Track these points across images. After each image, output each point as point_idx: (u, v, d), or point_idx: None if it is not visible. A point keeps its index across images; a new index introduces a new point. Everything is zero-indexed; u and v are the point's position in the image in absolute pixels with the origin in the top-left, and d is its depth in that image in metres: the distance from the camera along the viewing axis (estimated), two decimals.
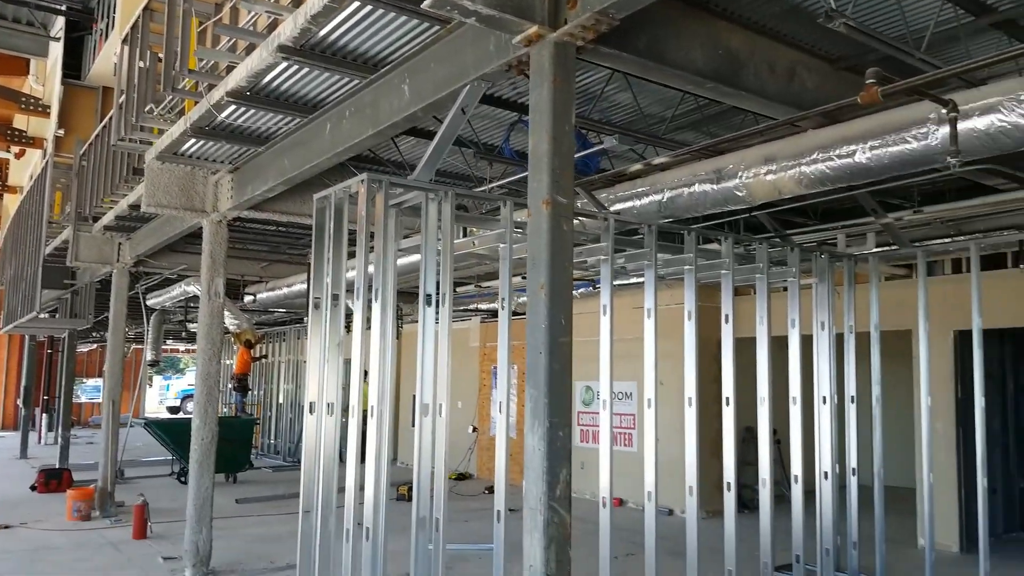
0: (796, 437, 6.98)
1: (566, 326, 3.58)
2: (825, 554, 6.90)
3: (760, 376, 6.74)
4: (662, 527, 7.45)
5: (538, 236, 3.64)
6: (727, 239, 6.67)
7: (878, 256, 7.74)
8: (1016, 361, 9.43)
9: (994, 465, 9.11)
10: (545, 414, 3.46)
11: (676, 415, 6.26)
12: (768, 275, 6.96)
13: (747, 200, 5.79)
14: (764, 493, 6.57)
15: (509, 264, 4.97)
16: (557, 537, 3.38)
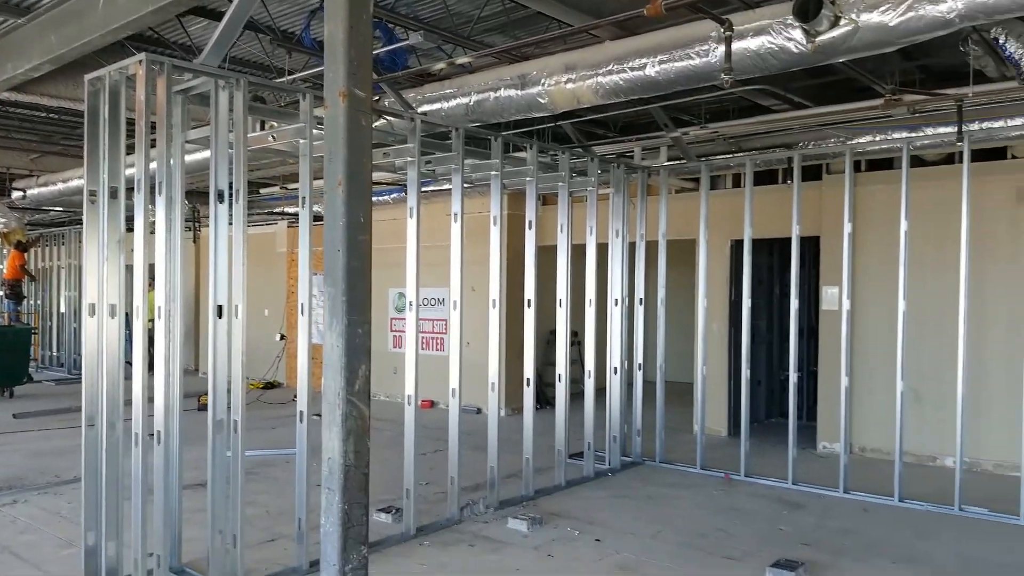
0: (590, 337, 7.45)
1: (365, 224, 3.56)
2: (613, 441, 7.54)
3: (559, 281, 7.08)
4: (471, 424, 7.78)
5: (335, 130, 3.54)
6: (532, 147, 6.83)
7: (668, 169, 8.26)
8: (782, 269, 10.50)
9: (760, 360, 10.24)
10: (343, 311, 3.45)
11: (487, 319, 6.46)
12: (569, 184, 7.25)
13: (549, 108, 5.92)
14: (560, 388, 7.01)
15: (309, 161, 4.81)
16: (355, 430, 3.44)
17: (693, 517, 5.91)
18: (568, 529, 5.55)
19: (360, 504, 3.45)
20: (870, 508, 6.15)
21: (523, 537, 5.38)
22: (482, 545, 5.22)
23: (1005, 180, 7.26)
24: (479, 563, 4.89)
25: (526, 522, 5.54)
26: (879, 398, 7.81)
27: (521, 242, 10.44)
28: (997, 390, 7.16)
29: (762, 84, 6.54)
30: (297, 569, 4.66)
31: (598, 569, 4.77)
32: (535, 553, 5.06)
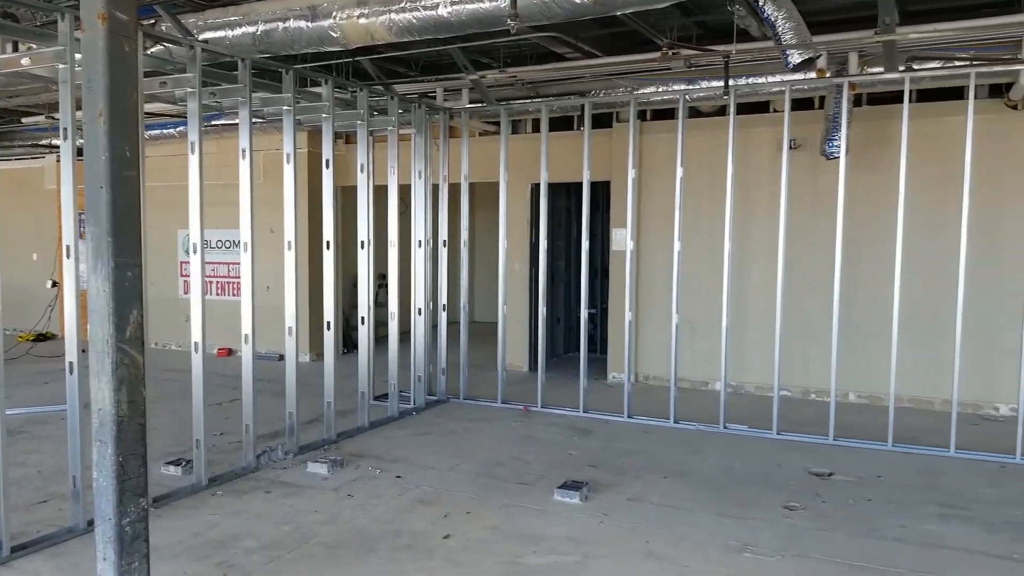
0: (393, 279, 7.45)
1: (132, 158, 3.31)
2: (417, 381, 7.65)
3: (361, 221, 6.98)
4: (272, 371, 7.59)
5: (94, 56, 3.24)
6: (328, 82, 6.61)
7: (469, 111, 8.31)
8: (580, 211, 10.94)
9: (559, 298, 10.75)
10: (109, 253, 3.21)
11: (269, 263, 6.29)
12: (369, 123, 7.12)
13: (342, 43, 5.73)
14: (363, 331, 6.99)
15: (71, 89, 4.38)
16: (128, 379, 3.24)
17: (491, 448, 6.17)
18: (369, 468, 5.60)
19: (136, 455, 3.28)
20: (650, 430, 6.72)
21: (323, 480, 5.37)
22: (279, 491, 5.16)
23: (768, 131, 7.98)
24: (275, 508, 4.84)
25: (326, 465, 5.52)
26: (660, 331, 8.45)
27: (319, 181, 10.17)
28: (758, 321, 7.98)
29: (553, 32, 6.71)
30: (74, 528, 4.37)
31: (398, 505, 4.88)
32: (334, 494, 5.08)
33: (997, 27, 5.85)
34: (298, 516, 4.69)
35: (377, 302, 10.42)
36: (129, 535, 3.27)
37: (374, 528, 4.49)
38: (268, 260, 7.14)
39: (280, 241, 6.08)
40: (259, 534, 4.40)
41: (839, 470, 5.52)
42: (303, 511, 4.77)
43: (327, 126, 6.62)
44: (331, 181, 6.59)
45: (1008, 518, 4.64)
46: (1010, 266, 6.98)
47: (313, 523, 4.57)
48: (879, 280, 7.12)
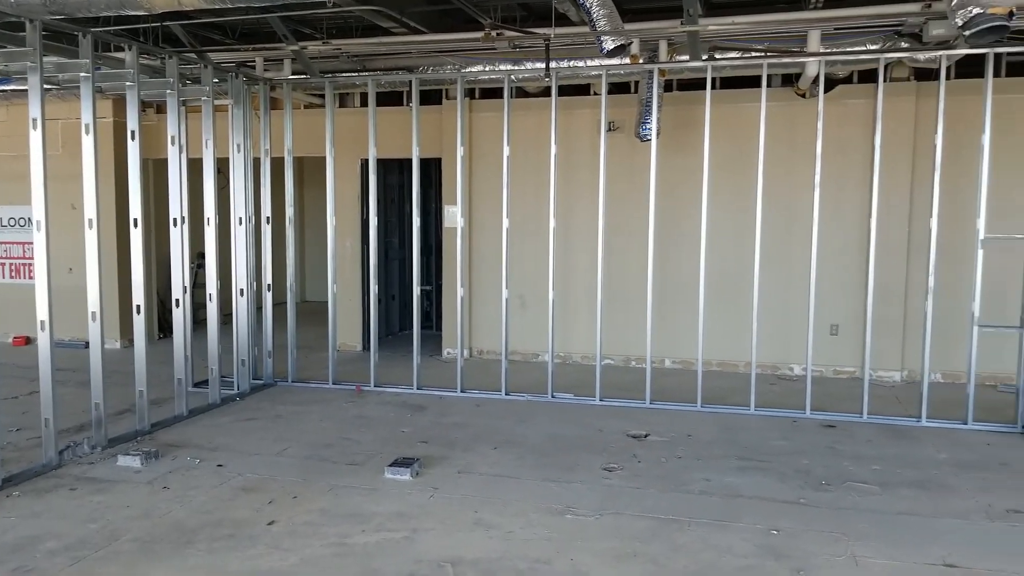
0: (212, 257, 7.09)
1: None
2: (241, 365, 7.35)
3: (173, 198, 6.58)
4: (77, 360, 6.96)
5: None
6: (132, 48, 6.15)
7: (292, 83, 8.02)
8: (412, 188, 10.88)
9: (394, 276, 10.67)
10: None
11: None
12: (181, 92, 6.70)
13: (146, 7, 5.36)
14: (178, 314, 6.61)
15: None
16: None
17: (321, 430, 6.06)
18: (188, 459, 5.34)
19: None
20: (482, 403, 6.85)
21: (135, 473, 5.05)
22: (85, 487, 4.80)
23: (590, 113, 8.26)
24: (81, 505, 4.50)
25: (139, 457, 5.20)
26: (493, 306, 8.59)
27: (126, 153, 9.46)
28: (583, 294, 8.30)
29: (377, 6, 6.60)
30: None
31: (219, 494, 4.68)
32: (148, 488, 4.79)
33: (788, 22, 6.39)
34: (107, 513, 4.39)
35: (196, 283, 9.94)
36: None
37: (192, 520, 4.30)
38: (70, 240, 6.57)
39: (83, 219, 5.61)
40: (62, 534, 4.09)
41: (654, 431, 5.90)
42: (113, 507, 4.48)
43: (132, 95, 6.16)
44: (138, 154, 6.16)
45: (797, 467, 5.14)
46: (800, 239, 7.65)
47: (124, 519, 4.30)
48: (690, 254, 7.60)
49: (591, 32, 6.03)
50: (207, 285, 7.10)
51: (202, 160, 7.03)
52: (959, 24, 4.54)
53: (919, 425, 6.11)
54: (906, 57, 6.61)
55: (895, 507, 4.47)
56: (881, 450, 5.52)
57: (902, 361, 7.68)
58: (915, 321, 7.23)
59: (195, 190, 6.83)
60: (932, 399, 6.19)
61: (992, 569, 3.68)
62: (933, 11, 5.75)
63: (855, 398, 6.44)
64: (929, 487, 4.80)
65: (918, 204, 7.39)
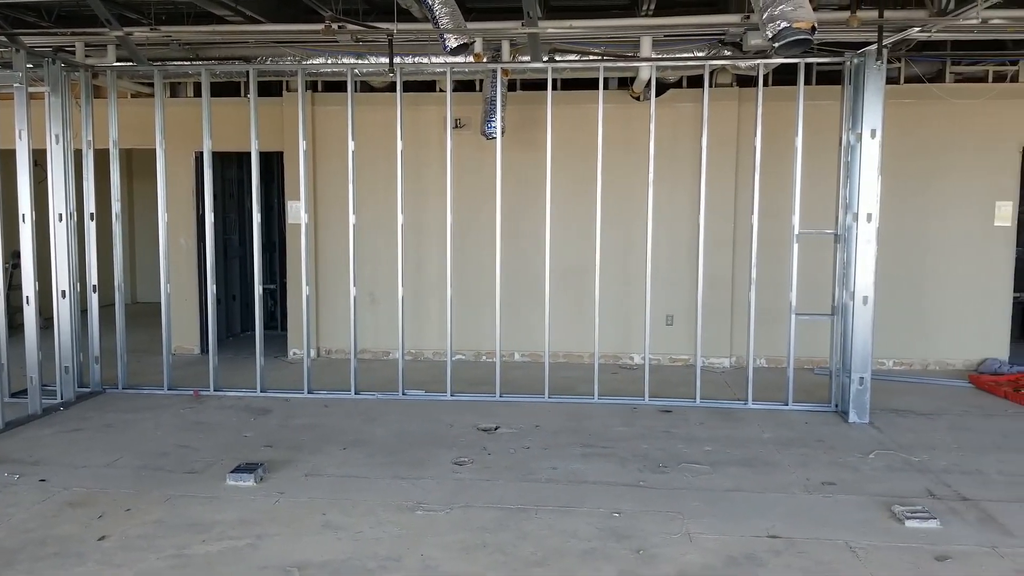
0: (28, 257, 6.53)
1: None
2: (65, 372, 6.81)
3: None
4: None
5: None
6: None
7: (117, 70, 7.52)
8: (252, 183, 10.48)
9: (234, 275, 10.24)
10: None
11: None
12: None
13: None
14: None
15: None
16: None
17: (155, 439, 5.73)
18: (5, 475, 4.90)
19: None
20: (330, 404, 6.72)
21: None
22: None
23: (436, 110, 8.29)
24: None
25: None
26: (341, 304, 8.44)
27: None
28: (434, 290, 8.34)
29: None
30: None
31: (42, 511, 4.34)
32: None
33: (622, 28, 6.70)
34: None
35: (12, 285, 9.11)
36: None
37: (12, 540, 3.96)
38: None
39: None
40: None
41: (504, 424, 6.02)
42: None
43: None
44: None
45: (636, 451, 5.42)
46: (638, 235, 8.03)
47: None
48: (537, 249, 7.80)
49: (434, 30, 6.06)
50: (23, 287, 6.54)
51: (15, 152, 6.46)
52: (769, 36, 4.93)
53: (746, 407, 6.58)
54: (729, 64, 7.11)
55: (724, 485, 4.81)
56: (712, 432, 5.91)
57: (731, 348, 8.25)
58: (742, 311, 7.77)
59: (8, 184, 6.27)
60: (757, 383, 6.69)
61: (810, 537, 4.04)
62: (751, 22, 6.20)
63: (689, 384, 6.85)
64: (755, 464, 5.19)
65: (742, 201, 7.95)
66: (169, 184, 7.45)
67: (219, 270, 9.28)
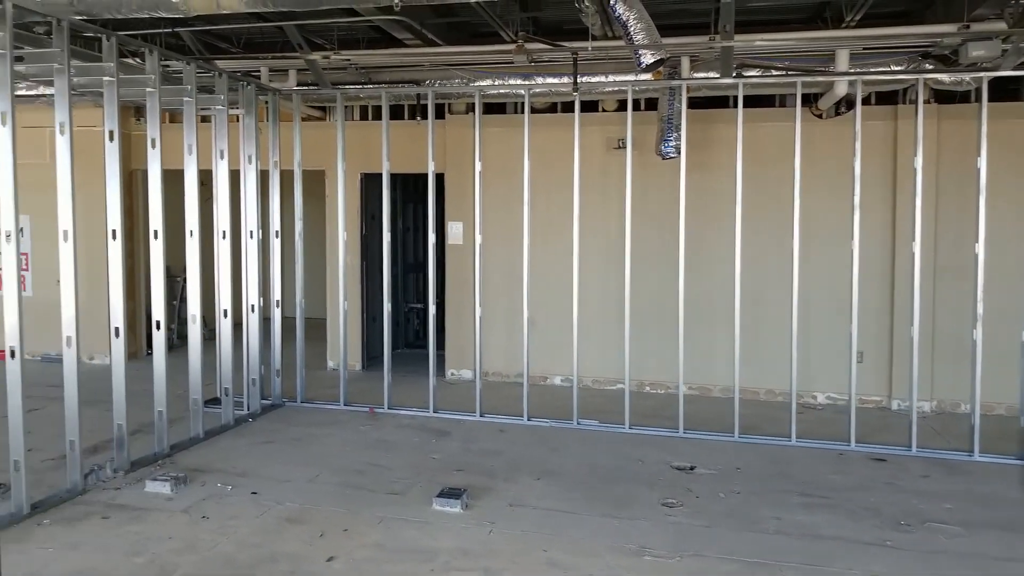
0: (226, 272, 6.82)
1: None
2: (252, 384, 7.06)
3: (189, 209, 6.33)
4: (56, 375, 6.52)
5: None
6: (152, 53, 5.90)
7: (301, 94, 7.80)
8: (405, 203, 10.72)
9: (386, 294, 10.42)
10: None
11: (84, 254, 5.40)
12: (197, 100, 6.45)
13: (182, 9, 5.15)
14: (194, 330, 6.32)
15: None
16: None
17: (345, 455, 5.83)
18: (218, 485, 5.07)
19: None
20: (505, 429, 6.66)
21: (167, 500, 4.78)
22: (119, 515, 4.52)
23: (598, 130, 8.19)
24: (119, 536, 4.23)
25: (168, 483, 4.92)
26: (498, 326, 8.45)
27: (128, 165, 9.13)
28: (595, 315, 8.18)
29: (403, 16, 6.47)
30: None
31: (263, 525, 4.44)
32: (185, 517, 4.53)
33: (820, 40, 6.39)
34: (149, 545, 4.13)
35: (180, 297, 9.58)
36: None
37: (244, 554, 4.06)
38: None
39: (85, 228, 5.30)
40: (108, 570, 3.82)
41: (699, 463, 5.72)
42: (153, 538, 4.21)
43: (152, 102, 5.92)
44: (159, 163, 5.90)
45: (865, 504, 4.96)
46: (818, 260, 7.63)
47: (169, 552, 4.04)
48: (710, 276, 7.57)
49: (627, 46, 5.96)
50: (219, 300, 6.82)
51: (182, 172, 6.73)
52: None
53: (972, 460, 5.92)
54: (931, 79, 6.63)
55: (991, 551, 4.30)
56: (943, 486, 5.33)
57: (932, 390, 7.49)
58: (945, 347, 7.22)
59: (176, 202, 6.51)
60: (963, 430, 6.15)
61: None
62: (971, 32, 5.79)
63: (891, 429, 6.33)
64: (1019, 529, 4.62)
65: (945, 226, 7.31)
66: (331, 204, 7.65)
67: (374, 288, 9.51)
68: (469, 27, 7.46)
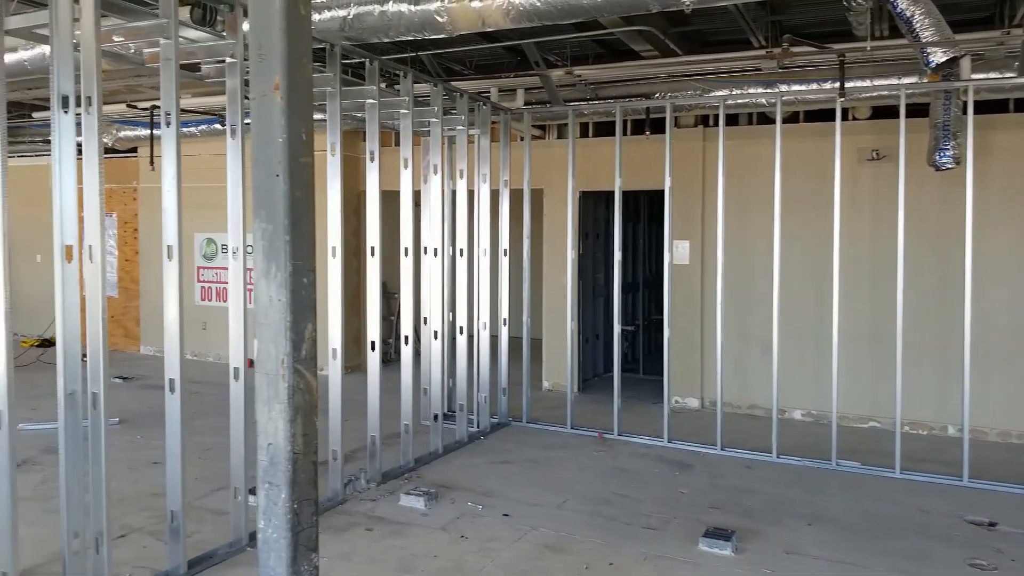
0: (462, 290, 6.89)
1: (307, 143, 2.72)
2: (483, 401, 7.06)
3: (434, 228, 6.46)
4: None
5: (268, 16, 2.66)
6: (407, 75, 6.06)
7: (532, 112, 7.80)
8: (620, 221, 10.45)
9: (598, 314, 10.23)
10: (286, 255, 2.62)
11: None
12: (443, 120, 6.58)
13: (448, 28, 5.18)
14: (436, 345, 6.41)
15: (176, 69, 3.80)
16: (303, 407, 2.65)
17: (587, 482, 5.60)
18: (469, 504, 5.01)
19: (310, 501, 2.69)
20: (751, 464, 6.16)
21: (423, 516, 4.77)
22: (381, 528, 4.55)
23: (847, 140, 7.50)
24: (385, 550, 4.23)
25: (422, 498, 4.92)
26: (726, 351, 7.94)
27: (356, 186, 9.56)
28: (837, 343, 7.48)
29: (648, 25, 6.29)
30: (172, 572, 3.74)
31: (523, 551, 4.30)
32: (445, 535, 4.48)
33: None
34: (417, 562, 4.09)
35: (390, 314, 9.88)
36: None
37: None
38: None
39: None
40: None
41: (999, 519, 4.97)
42: (419, 555, 4.17)
43: (406, 123, 6.10)
44: (410, 183, 6.04)
45: None
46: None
47: (439, 572, 3.98)
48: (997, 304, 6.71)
49: (912, 45, 5.38)
50: (455, 319, 6.90)
51: (416, 192, 6.80)
52: None
53: None
54: None
55: None
56: None
57: None
58: None
59: (392, 221, 6.58)
60: None
61: None
62: None
63: None
64: None
65: None
66: (547, 223, 7.54)
67: (588, 309, 9.33)
68: (700, 36, 7.15)
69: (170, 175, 3.76)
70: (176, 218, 3.73)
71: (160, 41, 3.87)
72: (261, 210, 2.67)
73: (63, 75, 3.39)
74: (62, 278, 3.35)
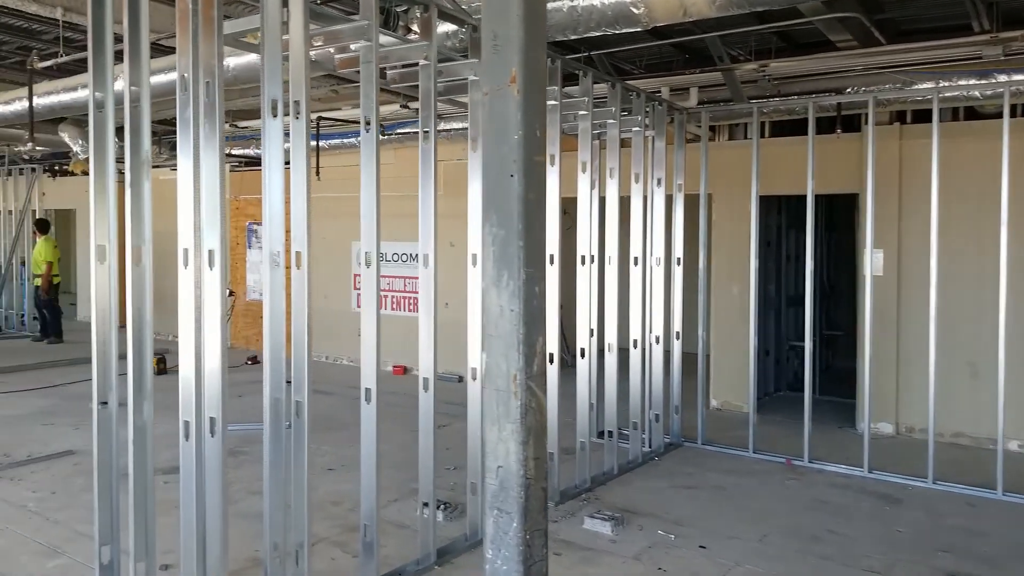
0: (636, 300, 6.51)
1: (541, 140, 2.48)
2: (655, 420, 6.66)
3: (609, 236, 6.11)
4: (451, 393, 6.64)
5: (505, 3, 2.43)
6: (587, 75, 5.78)
7: (710, 112, 7.34)
8: (788, 228, 9.75)
9: (769, 327, 9.55)
10: (519, 262, 2.37)
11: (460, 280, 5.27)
12: (620, 121, 6.25)
13: (644, 20, 4.85)
14: (609, 358, 6.06)
15: (375, 73, 3.68)
16: (536, 428, 2.40)
17: (785, 514, 5.09)
18: (659, 532, 4.64)
19: (541, 532, 2.45)
20: (973, 502, 5.44)
21: (611, 542, 4.45)
22: (570, 553, 4.26)
23: None
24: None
25: (608, 523, 4.60)
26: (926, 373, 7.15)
27: None
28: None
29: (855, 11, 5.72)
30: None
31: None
32: (639, 565, 4.14)
33: None
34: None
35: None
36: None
37: None
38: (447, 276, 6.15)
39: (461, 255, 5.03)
40: None
41: None
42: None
43: (584, 125, 5.81)
44: (588, 186, 5.76)
45: None
46: None
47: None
48: None
49: None
50: (628, 330, 6.52)
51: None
52: None
53: None
54: None
55: None
56: None
57: None
58: None
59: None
60: None
61: None
62: None
63: None
64: None
65: None
66: (717, 229, 7.02)
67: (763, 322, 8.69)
68: (893, 25, 6.46)
69: (369, 184, 3.62)
70: (375, 227, 3.59)
71: (355, 45, 3.76)
72: (492, 214, 2.43)
73: (271, 80, 3.32)
74: (269, 285, 3.27)
